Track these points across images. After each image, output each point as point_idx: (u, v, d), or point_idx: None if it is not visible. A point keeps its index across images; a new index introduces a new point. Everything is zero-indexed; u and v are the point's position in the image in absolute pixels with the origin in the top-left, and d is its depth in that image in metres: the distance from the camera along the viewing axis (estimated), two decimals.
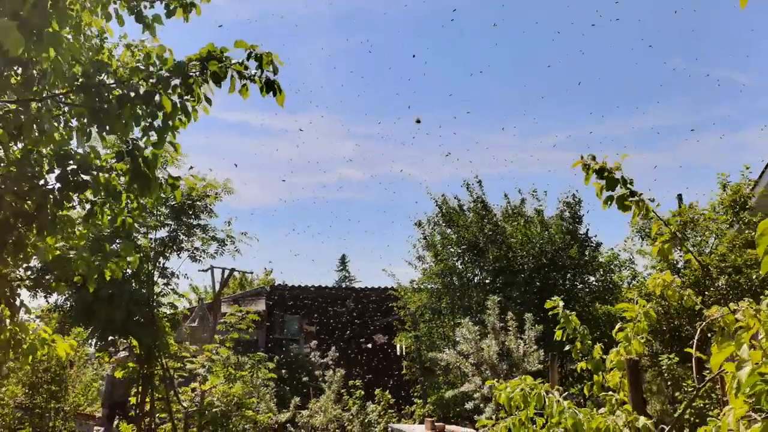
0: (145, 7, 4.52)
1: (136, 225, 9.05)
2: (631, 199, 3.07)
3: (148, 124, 3.82)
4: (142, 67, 3.98)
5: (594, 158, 3.13)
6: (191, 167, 9.65)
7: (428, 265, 15.87)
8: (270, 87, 3.68)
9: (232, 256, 10.27)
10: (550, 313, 3.87)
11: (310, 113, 47.74)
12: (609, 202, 3.11)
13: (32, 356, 4.60)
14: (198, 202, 9.52)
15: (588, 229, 14.93)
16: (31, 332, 4.63)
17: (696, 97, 46.82)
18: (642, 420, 3.09)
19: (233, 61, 3.68)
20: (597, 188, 3.11)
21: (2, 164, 4.20)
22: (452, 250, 15.19)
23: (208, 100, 3.88)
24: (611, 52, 46.62)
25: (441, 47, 51.55)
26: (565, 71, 44.74)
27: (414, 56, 47.87)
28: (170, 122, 3.77)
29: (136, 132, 3.92)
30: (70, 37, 4.20)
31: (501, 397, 3.34)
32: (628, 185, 3.06)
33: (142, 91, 3.74)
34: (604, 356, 3.73)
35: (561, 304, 3.80)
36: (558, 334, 3.81)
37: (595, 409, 3.38)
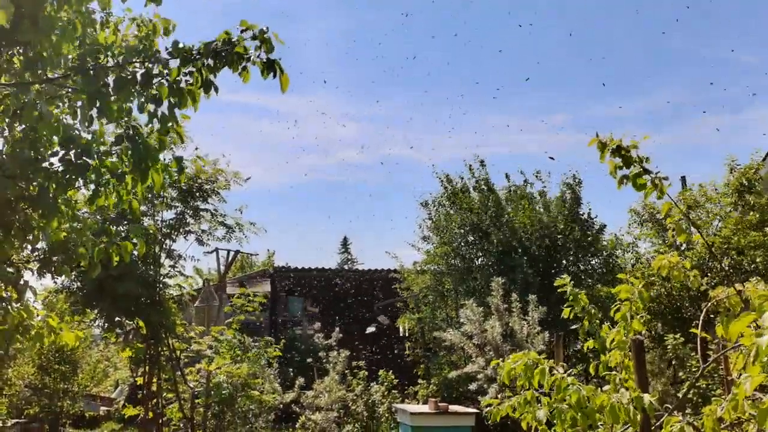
0: None
1: (143, 207, 9.10)
2: (645, 177, 3.07)
3: (152, 111, 3.76)
4: (141, 47, 3.90)
5: (611, 139, 3.14)
6: (196, 148, 9.63)
7: (432, 246, 15.89)
8: (270, 68, 3.52)
9: (240, 243, 10.29)
10: (559, 290, 3.88)
11: (313, 94, 47.54)
12: (624, 182, 3.12)
13: (39, 343, 4.62)
14: (206, 186, 9.52)
15: (590, 210, 14.93)
16: (37, 318, 4.65)
17: (698, 77, 46.49)
18: (647, 397, 3.12)
19: (234, 42, 3.58)
20: (611, 167, 3.12)
21: (7, 144, 4.20)
22: (456, 231, 15.19)
23: (215, 88, 3.77)
24: (612, 33, 46.20)
25: (439, 27, 51.12)
26: (563, 52, 44.38)
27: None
28: (175, 110, 3.70)
29: (142, 118, 3.87)
30: (71, 13, 4.17)
31: (503, 372, 3.36)
32: (644, 164, 3.07)
33: (139, 74, 3.65)
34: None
35: (570, 282, 3.82)
36: (566, 312, 3.83)
37: (599, 388, 3.40)
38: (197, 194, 9.51)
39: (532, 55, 47.92)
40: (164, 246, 9.47)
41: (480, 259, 15.06)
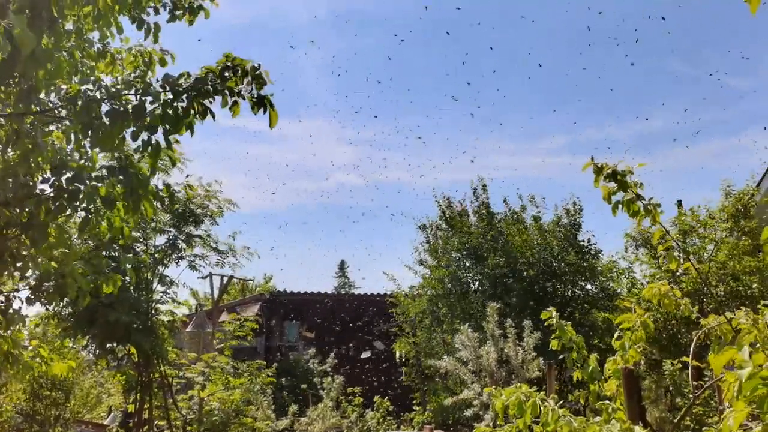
0: (148, 14, 4.55)
1: (136, 233, 9.06)
2: (639, 203, 3.08)
3: (146, 139, 3.77)
4: (134, 80, 3.94)
5: (606, 164, 3.15)
6: (188, 175, 9.61)
7: (429, 271, 15.86)
8: (261, 104, 3.56)
9: (232, 268, 10.20)
10: (546, 323, 3.87)
11: (310, 119, 47.81)
12: (618, 207, 3.12)
13: (29, 374, 4.57)
14: (198, 211, 9.47)
15: (590, 238, 14.88)
16: (28, 348, 4.60)
17: (694, 101, 46.92)
18: (637, 429, 3.09)
19: (225, 77, 3.61)
20: (604, 192, 3.13)
21: None
22: (454, 255, 15.18)
23: (212, 114, 3.79)
24: (608, 56, 46.74)
25: (439, 49, 51.71)
26: (561, 75, 44.81)
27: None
28: (168, 139, 3.71)
29: (133, 144, 3.89)
30: (71, 44, 4.23)
31: (497, 405, 3.35)
32: (638, 189, 3.08)
33: (131, 107, 3.67)
34: (600, 366, 3.73)
35: (555, 314, 3.81)
36: (553, 344, 3.81)
37: (592, 416, 3.38)
38: (190, 219, 9.47)
39: (528, 77, 48.39)
40: (156, 272, 9.41)
41: (476, 283, 15.03)
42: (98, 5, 4.16)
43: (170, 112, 3.66)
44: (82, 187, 3.89)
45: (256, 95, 3.54)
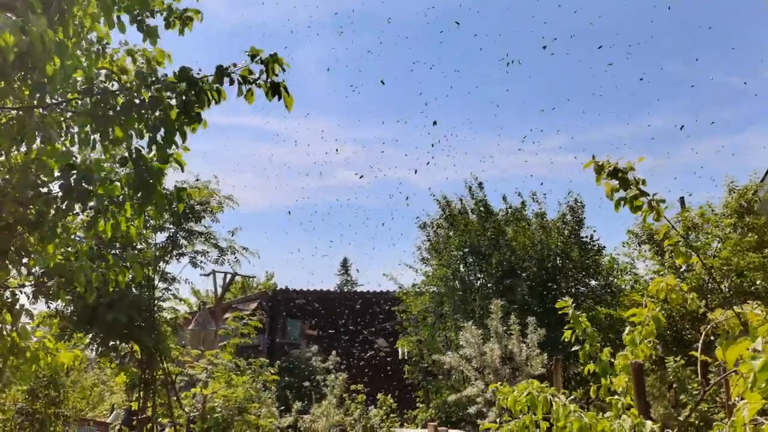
0: (146, 16, 4.55)
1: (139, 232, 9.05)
2: (642, 199, 3.07)
3: (153, 136, 3.78)
4: (146, 73, 3.96)
5: (608, 161, 3.14)
6: (197, 178, 9.61)
7: (431, 268, 15.85)
8: (275, 90, 3.61)
9: (232, 266, 10.20)
10: (560, 312, 3.85)
11: (311, 118, 47.81)
12: (621, 203, 3.11)
13: (35, 365, 4.57)
14: (198, 206, 9.47)
15: (593, 233, 14.85)
16: (33, 339, 4.60)
17: (695, 100, 46.91)
18: (649, 424, 3.08)
19: (239, 66, 3.65)
20: (607, 189, 3.12)
21: (3, 169, 4.20)
22: (455, 253, 15.16)
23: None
24: (609, 57, 46.67)
25: (438, 51, 51.68)
26: (560, 76, 44.76)
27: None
28: (174, 133, 3.73)
29: (142, 142, 3.88)
30: (71, 42, 4.21)
31: (507, 401, 3.33)
32: (640, 186, 3.07)
33: (147, 97, 3.69)
34: (612, 359, 3.71)
35: (571, 304, 3.79)
36: (567, 335, 3.80)
37: (600, 413, 3.37)
38: (190, 216, 9.46)
39: (528, 79, 48.38)
40: (158, 269, 9.40)
41: (479, 281, 15.01)
42: (105, 2, 4.15)
43: (173, 107, 3.68)
44: (90, 188, 3.89)
45: (269, 83, 3.58)
